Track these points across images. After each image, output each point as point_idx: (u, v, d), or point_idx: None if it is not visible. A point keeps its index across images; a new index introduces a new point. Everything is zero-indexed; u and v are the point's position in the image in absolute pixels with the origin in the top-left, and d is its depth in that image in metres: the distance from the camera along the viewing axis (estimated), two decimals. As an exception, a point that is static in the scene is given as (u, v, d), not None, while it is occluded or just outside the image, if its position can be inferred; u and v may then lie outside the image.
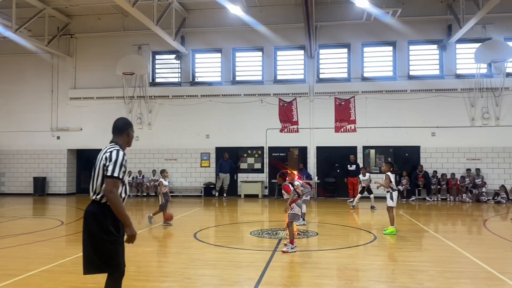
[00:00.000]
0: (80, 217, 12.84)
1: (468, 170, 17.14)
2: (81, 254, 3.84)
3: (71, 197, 19.45)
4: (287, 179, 8.42)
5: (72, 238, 9.41)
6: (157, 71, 20.35)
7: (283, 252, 7.56)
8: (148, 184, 19.05)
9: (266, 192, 18.54)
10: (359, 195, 14.46)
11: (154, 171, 18.98)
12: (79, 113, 19.91)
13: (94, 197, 3.81)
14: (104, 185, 3.73)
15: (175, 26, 17.92)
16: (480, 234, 10.09)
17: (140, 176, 19.16)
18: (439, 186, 17.24)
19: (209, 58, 19.98)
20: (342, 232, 10.12)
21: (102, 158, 3.82)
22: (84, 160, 20.48)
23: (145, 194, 19.14)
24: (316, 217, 13.41)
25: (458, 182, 17.01)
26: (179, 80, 19.87)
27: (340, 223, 11.38)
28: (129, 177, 19.04)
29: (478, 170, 17.10)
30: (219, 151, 18.85)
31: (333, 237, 9.36)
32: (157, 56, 20.19)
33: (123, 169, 3.79)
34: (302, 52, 18.93)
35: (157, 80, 20.27)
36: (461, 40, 17.45)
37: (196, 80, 19.80)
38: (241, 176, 18.64)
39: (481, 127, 17.47)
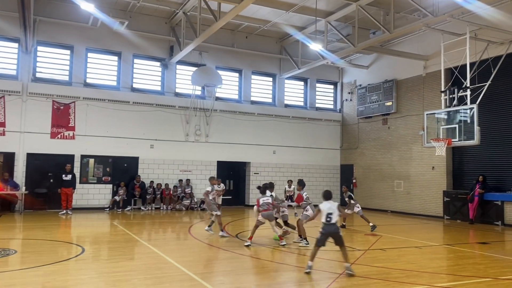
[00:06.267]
0: None
1: (180, 180, 18.76)
2: None
3: None
4: None
5: None
6: None
7: None
8: None
9: (-45, 205, 15.21)
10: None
11: None
12: None
13: None
14: None
15: None
16: (185, 240, 11.09)
17: None
18: (153, 196, 18.13)
19: None
20: (49, 247, 9.28)
21: None
22: None
23: None
24: (21, 233, 11.90)
25: (172, 192, 18.37)
26: None
27: (49, 238, 10.41)
28: None
29: (188, 180, 18.92)
30: None
31: (37, 253, 8.46)
32: None
33: None
34: (15, 45, 16.68)
35: None
36: (181, 62, 19.10)
37: None
38: None
39: (194, 142, 19.47)
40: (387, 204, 19.63)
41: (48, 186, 16.73)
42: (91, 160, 17.75)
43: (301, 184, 10.70)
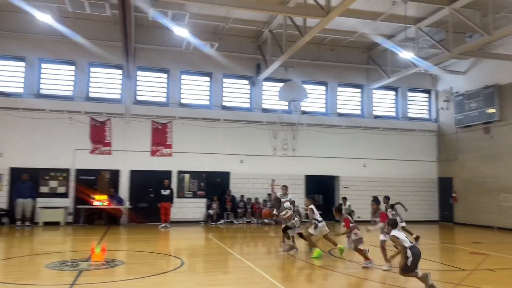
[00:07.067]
0: None
1: (270, 194, 18.98)
2: None
3: None
4: None
5: None
6: None
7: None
8: None
9: (70, 219, 16.91)
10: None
11: None
12: None
13: None
14: None
15: (-35, 24, 15.25)
16: (277, 254, 11.13)
17: None
18: (244, 210, 18.54)
19: (9, 66, 17.51)
20: (151, 259, 9.89)
21: None
22: None
23: None
24: (126, 245, 12.88)
25: (261, 206, 18.64)
26: (-33, 87, 16.89)
27: (150, 250, 11.12)
28: None
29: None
30: (15, 172, 16.46)
31: (141, 265, 9.07)
32: None
33: None
34: (119, 71, 18.31)
35: None
36: (267, 79, 19.49)
37: (-10, 89, 17.12)
38: (40, 202, 16.58)
39: (281, 157, 19.63)
40: (492, 219, 17.94)
41: (148, 200, 17.92)
42: (187, 176, 18.71)
43: (387, 200, 10.12)
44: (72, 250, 11.47)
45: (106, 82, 18.52)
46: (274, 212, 11.86)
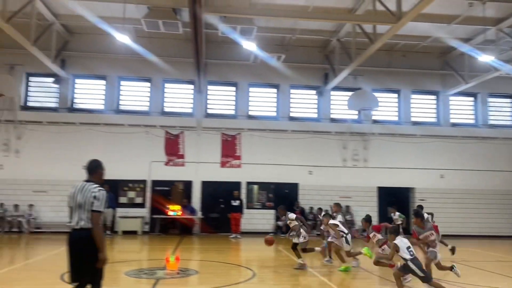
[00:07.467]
0: None
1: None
2: None
3: None
4: None
5: None
6: (31, 94, 18.66)
7: None
8: (10, 219, 16.90)
9: (147, 228, 17.72)
10: None
11: (16, 206, 16.96)
12: None
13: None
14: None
15: (55, 48, 16.73)
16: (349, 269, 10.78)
17: (0, 210, 16.94)
18: (314, 222, 18.24)
19: (92, 84, 18.99)
20: (223, 269, 10.03)
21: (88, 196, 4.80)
22: None
23: (6, 230, 16.92)
24: (198, 254, 13.20)
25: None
26: (57, 105, 18.45)
27: (222, 260, 11.28)
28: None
29: (348, 207, 18.57)
30: (98, 183, 17.62)
31: (214, 275, 9.22)
32: (32, 78, 18.59)
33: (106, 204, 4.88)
34: (191, 86, 19.04)
35: (30, 104, 18.54)
36: (335, 88, 19.18)
37: (75, 106, 18.58)
38: (120, 211, 17.56)
39: (352, 168, 19.14)
40: None
41: (219, 211, 18.29)
42: (255, 187, 18.90)
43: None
44: (148, 259, 11.97)
45: (179, 97, 19.35)
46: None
